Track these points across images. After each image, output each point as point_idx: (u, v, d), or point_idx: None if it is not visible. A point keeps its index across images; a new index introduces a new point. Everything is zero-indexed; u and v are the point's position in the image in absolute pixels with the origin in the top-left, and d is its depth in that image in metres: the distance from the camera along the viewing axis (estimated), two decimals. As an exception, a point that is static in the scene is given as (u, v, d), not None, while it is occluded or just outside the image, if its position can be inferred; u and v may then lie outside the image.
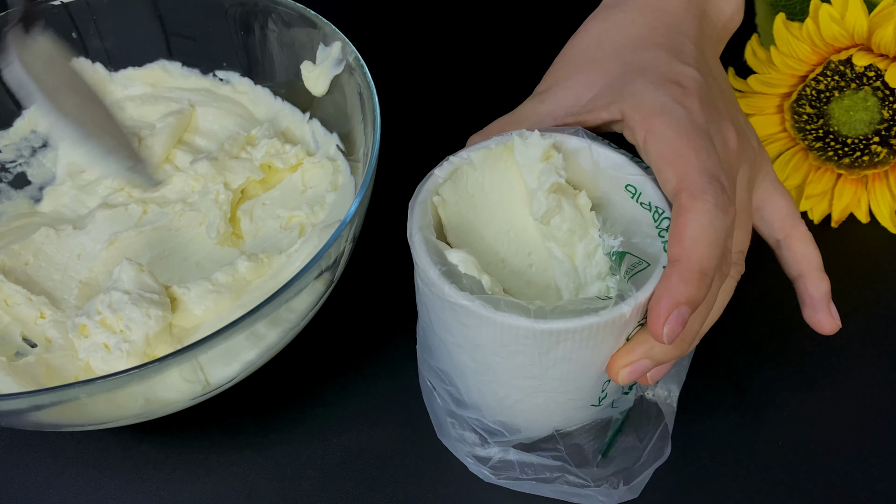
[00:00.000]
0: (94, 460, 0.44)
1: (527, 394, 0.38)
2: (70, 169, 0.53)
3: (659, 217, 0.37)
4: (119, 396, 0.37)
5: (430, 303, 0.37)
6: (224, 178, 0.50)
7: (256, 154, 0.51)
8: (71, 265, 0.48)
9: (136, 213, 0.50)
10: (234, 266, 0.44)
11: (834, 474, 0.42)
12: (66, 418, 0.38)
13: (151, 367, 0.34)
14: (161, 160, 0.52)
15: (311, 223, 0.48)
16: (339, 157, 0.50)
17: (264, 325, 0.38)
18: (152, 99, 0.54)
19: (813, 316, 0.40)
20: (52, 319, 0.45)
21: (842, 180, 0.51)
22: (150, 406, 0.38)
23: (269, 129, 0.52)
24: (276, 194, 0.51)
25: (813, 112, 0.50)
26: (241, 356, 0.39)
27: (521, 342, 0.35)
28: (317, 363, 0.47)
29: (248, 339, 0.39)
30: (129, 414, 0.39)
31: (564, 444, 0.40)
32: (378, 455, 0.43)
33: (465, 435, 0.41)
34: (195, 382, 0.38)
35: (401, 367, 0.46)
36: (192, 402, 0.40)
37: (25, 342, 0.45)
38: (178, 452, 0.44)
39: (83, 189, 0.52)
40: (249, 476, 0.43)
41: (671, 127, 0.36)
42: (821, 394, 0.45)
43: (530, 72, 0.45)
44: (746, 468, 0.42)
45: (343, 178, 0.49)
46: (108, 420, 0.39)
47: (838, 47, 0.48)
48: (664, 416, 0.40)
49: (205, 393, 0.40)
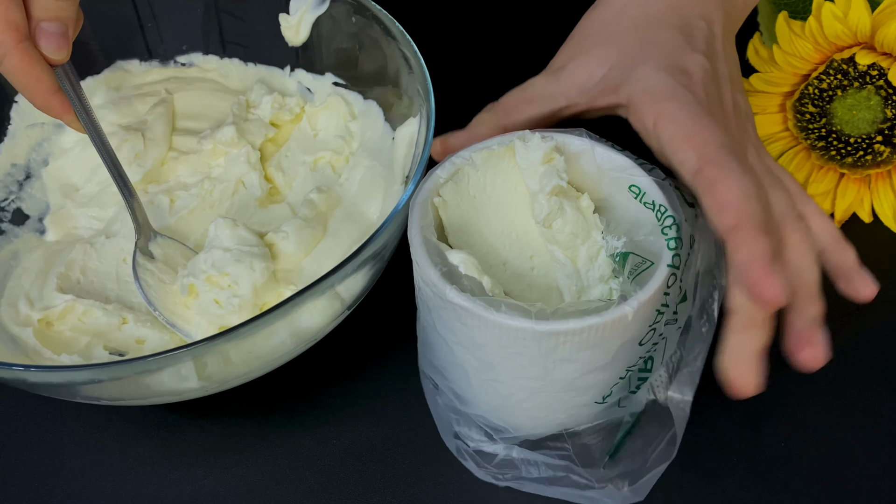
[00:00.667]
0: (91, 461, 0.44)
1: (530, 393, 0.38)
2: (64, 192, 0.52)
3: (662, 216, 0.37)
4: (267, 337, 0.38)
5: (431, 302, 0.37)
6: (247, 140, 0.50)
7: (262, 113, 0.52)
8: (122, 270, 0.47)
9: (165, 203, 0.49)
10: (310, 199, 0.46)
11: (838, 478, 0.42)
12: (223, 372, 0.38)
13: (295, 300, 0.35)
14: (167, 149, 0.52)
15: (343, 156, 0.50)
16: (340, 90, 0.52)
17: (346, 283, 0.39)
18: (125, 101, 0.54)
19: (847, 286, 0.39)
20: (136, 321, 0.44)
21: (844, 180, 0.51)
22: (299, 337, 0.39)
23: (263, 87, 0.53)
24: (293, 145, 0.52)
25: (815, 111, 0.50)
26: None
27: (522, 343, 0.35)
28: (316, 363, 0.46)
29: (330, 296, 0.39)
30: (283, 352, 0.40)
31: (573, 443, 0.40)
32: (379, 456, 0.43)
33: (469, 432, 0.41)
34: (335, 300, 0.39)
35: (401, 366, 0.46)
36: (334, 324, 0.41)
37: (112, 355, 0.43)
38: (176, 452, 0.44)
39: (88, 205, 0.50)
40: (248, 477, 0.43)
41: (682, 109, 0.36)
42: (825, 396, 0.45)
43: (530, 67, 0.45)
44: (751, 472, 0.42)
45: (359, 106, 0.51)
46: (263, 364, 0.40)
47: (841, 46, 0.48)
48: (674, 422, 0.39)
49: (344, 311, 0.41)
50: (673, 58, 0.39)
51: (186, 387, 0.38)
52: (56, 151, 0.53)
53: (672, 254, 0.36)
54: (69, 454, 0.44)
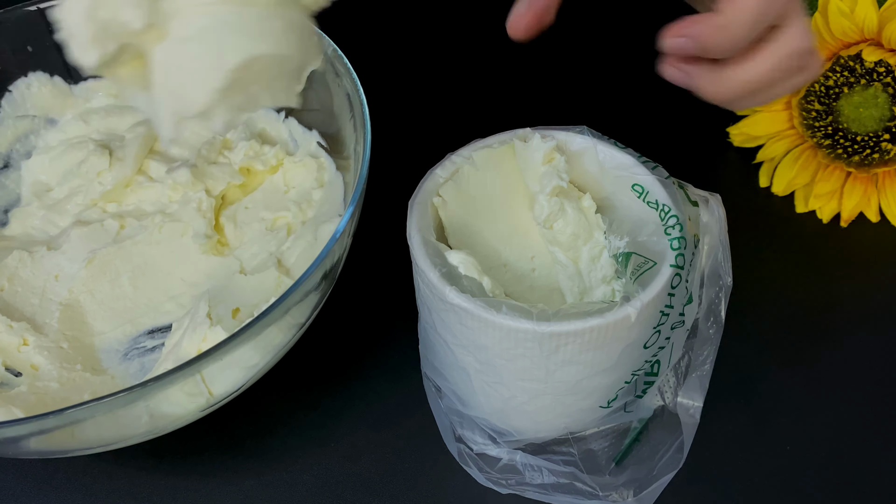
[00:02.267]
0: (84, 465, 0.43)
1: (533, 395, 0.37)
2: (35, 189, 0.51)
3: (665, 216, 0.37)
4: (124, 415, 0.36)
5: (432, 304, 0.37)
6: (204, 185, 0.49)
7: (235, 158, 0.50)
8: (49, 287, 0.46)
9: (114, 228, 0.48)
10: None
11: (848, 485, 0.41)
12: (72, 443, 0.37)
13: (152, 384, 0.33)
14: (133, 172, 0.50)
15: (299, 221, 0.47)
16: (321, 153, 0.49)
17: (273, 328, 0.37)
18: (118, 110, 0.53)
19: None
20: (37, 345, 0.43)
21: (851, 179, 0.51)
22: (156, 423, 0.38)
23: (245, 130, 0.51)
24: (259, 196, 0.50)
25: (822, 109, 0.50)
26: (245, 362, 0.39)
27: (524, 345, 0.34)
28: (314, 366, 0.46)
29: (254, 346, 0.38)
30: (136, 433, 0.38)
31: (578, 448, 0.40)
32: (378, 460, 0.43)
33: (472, 436, 0.40)
34: (198, 395, 0.38)
35: (401, 368, 0.45)
36: (200, 415, 0.39)
37: (9, 372, 0.43)
38: (170, 457, 0.43)
39: (51, 209, 0.50)
40: (245, 482, 0.42)
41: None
42: (832, 399, 0.44)
43: (529, 65, 0.44)
44: (757, 478, 0.42)
45: (329, 175, 0.48)
46: (115, 441, 0.38)
47: (847, 42, 0.48)
48: (683, 429, 0.39)
49: (209, 406, 0.39)
50: None
51: None
52: (41, 146, 0.52)
53: (675, 254, 0.35)
54: (59, 460, 0.44)
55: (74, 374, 0.42)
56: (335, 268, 0.40)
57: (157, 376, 0.33)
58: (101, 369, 0.44)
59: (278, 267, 0.44)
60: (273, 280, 0.44)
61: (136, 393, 0.33)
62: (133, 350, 0.45)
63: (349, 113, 0.45)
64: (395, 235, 0.40)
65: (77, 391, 0.42)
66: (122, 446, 0.39)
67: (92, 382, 0.42)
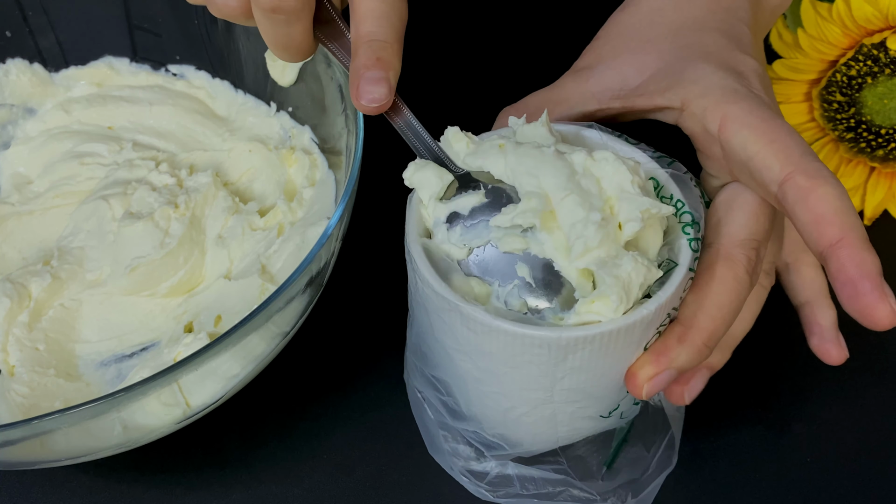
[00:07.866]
0: (63, 478, 0.43)
1: (533, 406, 0.36)
2: (15, 181, 0.50)
3: (679, 211, 0.36)
4: (96, 426, 0.35)
5: (431, 305, 0.35)
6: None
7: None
8: None
9: None
10: None
11: (847, 479, 0.42)
12: (41, 454, 0.36)
13: (124, 394, 0.32)
14: None
15: (288, 221, 0.46)
16: (314, 149, 0.49)
17: (254, 337, 0.36)
18: (100, 99, 0.52)
19: (821, 345, 0.40)
20: (17, 340, 0.42)
21: (875, 174, 0.50)
22: (130, 434, 0.37)
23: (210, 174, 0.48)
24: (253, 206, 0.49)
25: (844, 100, 0.49)
26: (225, 372, 0.38)
27: (533, 352, 0.33)
28: (303, 375, 0.46)
29: (234, 355, 0.37)
30: (109, 445, 0.37)
31: (566, 456, 0.40)
32: (370, 471, 0.43)
33: (458, 448, 0.40)
34: (175, 406, 0.37)
35: (393, 377, 0.45)
36: (175, 427, 0.38)
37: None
38: (154, 470, 0.43)
39: (31, 202, 0.49)
40: (232, 494, 0.42)
41: (753, 112, 0.35)
42: (833, 395, 0.45)
43: (530, 59, 0.44)
44: (769, 485, 0.42)
45: (321, 173, 0.48)
46: (86, 453, 0.37)
47: (871, 30, 0.47)
48: (671, 425, 0.39)
49: (186, 417, 0.38)
50: (724, 59, 0.38)
51: None
52: (19, 137, 0.51)
53: (693, 256, 0.35)
54: (38, 471, 0.43)
55: (47, 379, 0.41)
56: (322, 273, 0.39)
57: (131, 386, 0.32)
58: (76, 375, 0.43)
59: (262, 273, 0.43)
60: (257, 286, 0.43)
61: (106, 403, 0.32)
62: (111, 356, 0.44)
63: (341, 105, 0.44)
64: (389, 236, 0.40)
65: (48, 398, 0.41)
66: (95, 458, 0.38)
67: (65, 389, 0.41)
